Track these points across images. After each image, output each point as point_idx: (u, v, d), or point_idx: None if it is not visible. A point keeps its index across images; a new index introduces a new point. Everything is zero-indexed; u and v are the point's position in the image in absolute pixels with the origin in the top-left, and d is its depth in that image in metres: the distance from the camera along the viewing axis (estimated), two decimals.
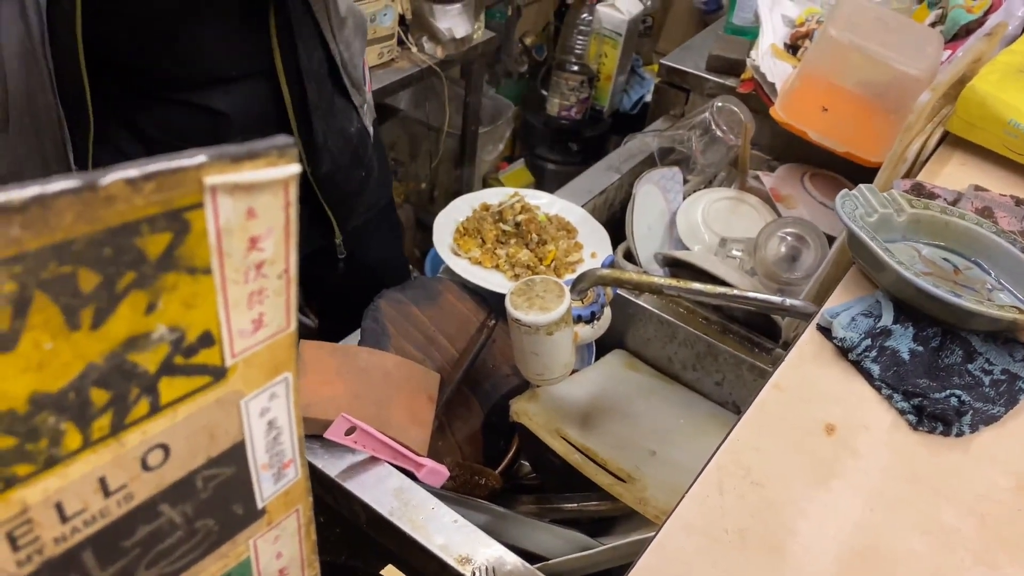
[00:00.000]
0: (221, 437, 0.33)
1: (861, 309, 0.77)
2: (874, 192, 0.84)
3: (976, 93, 1.00)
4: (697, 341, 1.16)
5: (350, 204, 1.26)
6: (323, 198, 1.19)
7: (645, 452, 1.05)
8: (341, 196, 1.22)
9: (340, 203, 1.23)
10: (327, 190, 1.18)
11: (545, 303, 0.88)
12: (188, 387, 0.30)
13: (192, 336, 0.29)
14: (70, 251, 0.24)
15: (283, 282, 0.30)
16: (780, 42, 1.44)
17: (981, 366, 0.73)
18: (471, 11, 1.88)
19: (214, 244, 0.27)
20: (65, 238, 0.23)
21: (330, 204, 1.21)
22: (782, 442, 0.67)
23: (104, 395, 0.27)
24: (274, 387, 0.33)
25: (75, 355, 0.26)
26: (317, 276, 1.34)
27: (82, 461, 0.28)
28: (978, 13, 1.32)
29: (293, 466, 0.37)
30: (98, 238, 0.24)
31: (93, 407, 0.27)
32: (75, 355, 0.26)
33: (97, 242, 0.24)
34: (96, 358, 0.26)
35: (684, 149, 1.41)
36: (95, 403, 0.27)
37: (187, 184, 0.25)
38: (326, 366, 0.95)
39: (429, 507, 0.85)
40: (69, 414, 0.27)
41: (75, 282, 0.24)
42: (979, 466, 0.67)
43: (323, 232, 1.24)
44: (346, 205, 1.24)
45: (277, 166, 0.27)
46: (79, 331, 0.25)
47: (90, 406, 0.27)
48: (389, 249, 1.45)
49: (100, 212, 0.24)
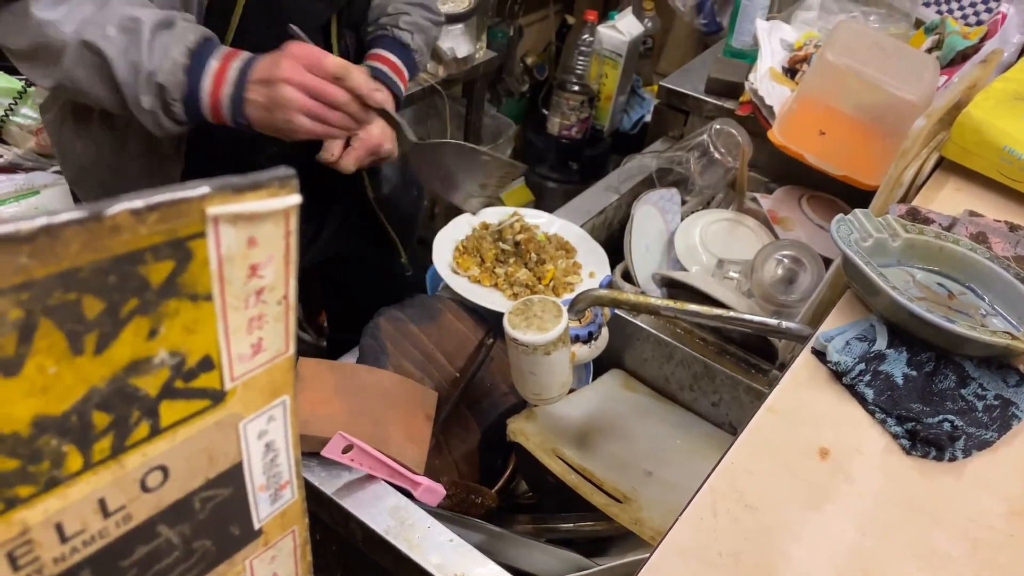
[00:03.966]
0: (219, 459, 0.33)
1: (855, 333, 0.78)
2: (869, 217, 0.85)
3: (971, 119, 1.01)
4: (694, 362, 1.16)
5: (410, 223, 1.33)
6: (386, 220, 1.25)
7: (641, 472, 1.05)
8: (401, 216, 1.29)
9: (401, 223, 1.29)
10: (388, 212, 1.24)
11: (543, 323, 0.89)
12: (188, 410, 0.31)
13: (192, 361, 0.29)
14: (76, 279, 0.24)
15: (282, 308, 0.31)
16: (778, 66, 1.46)
17: (974, 391, 0.74)
18: (473, 31, 1.90)
19: (215, 272, 0.28)
20: (71, 266, 0.24)
21: (392, 225, 1.27)
22: (776, 465, 0.68)
23: (106, 418, 0.28)
24: (272, 410, 0.34)
25: (78, 379, 0.26)
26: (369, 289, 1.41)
27: (83, 483, 0.29)
28: (974, 40, 1.34)
29: (290, 487, 0.37)
30: (103, 266, 0.25)
31: (95, 430, 0.28)
32: (78, 379, 0.26)
33: (102, 270, 0.25)
34: (99, 382, 0.27)
35: (682, 170, 1.42)
36: (97, 426, 0.28)
37: (190, 214, 0.26)
38: (324, 383, 0.96)
39: (425, 526, 0.85)
40: (71, 437, 0.27)
41: (80, 309, 0.25)
42: (972, 491, 0.67)
43: (386, 252, 1.31)
44: (407, 224, 1.31)
45: (278, 196, 0.28)
46: (83, 356, 0.26)
47: (92, 429, 0.28)
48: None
49: (105, 241, 0.24)
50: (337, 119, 0.91)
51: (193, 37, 0.86)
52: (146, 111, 0.87)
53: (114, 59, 0.83)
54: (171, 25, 0.86)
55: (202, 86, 0.87)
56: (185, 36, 0.86)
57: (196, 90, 0.87)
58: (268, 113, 0.89)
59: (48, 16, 0.82)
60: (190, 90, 0.87)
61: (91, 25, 0.83)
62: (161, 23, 0.84)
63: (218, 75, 0.87)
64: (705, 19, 2.36)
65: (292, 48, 0.89)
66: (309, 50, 0.89)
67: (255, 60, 0.89)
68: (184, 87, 0.86)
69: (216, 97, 0.88)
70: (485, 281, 1.18)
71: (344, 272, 1.43)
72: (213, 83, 0.87)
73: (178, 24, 0.86)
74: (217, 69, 0.87)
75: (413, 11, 1.17)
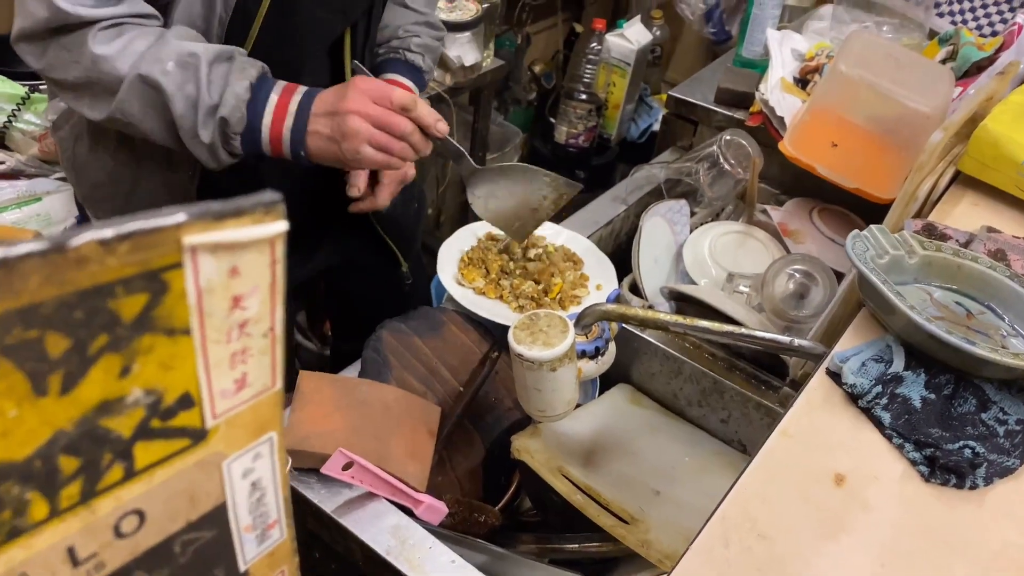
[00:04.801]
0: (201, 500, 0.31)
1: (871, 354, 0.76)
2: (885, 233, 0.83)
3: (989, 133, 0.98)
4: (703, 377, 1.14)
5: (411, 236, 1.35)
6: (385, 233, 1.26)
7: (649, 492, 1.03)
8: (400, 230, 1.30)
9: (401, 236, 1.31)
10: (389, 228, 1.26)
11: (549, 338, 0.86)
12: (166, 450, 0.29)
13: (170, 398, 0.27)
14: (37, 315, 0.22)
15: (268, 340, 0.29)
16: (789, 76, 1.43)
17: (995, 415, 0.71)
18: (481, 39, 1.88)
19: (194, 304, 0.26)
20: (31, 302, 0.22)
21: (392, 238, 1.28)
22: (790, 492, 0.65)
23: (74, 462, 0.26)
24: (258, 447, 0.32)
25: (42, 422, 0.24)
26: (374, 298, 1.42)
27: (49, 531, 0.26)
28: (989, 51, 1.32)
29: (278, 527, 0.35)
30: (68, 301, 0.23)
31: (61, 475, 0.26)
32: (42, 422, 0.24)
33: (67, 305, 0.23)
34: (65, 424, 0.25)
35: (692, 181, 1.40)
36: (64, 471, 0.26)
37: (165, 244, 0.24)
38: (325, 398, 0.94)
39: (427, 546, 0.83)
40: (35, 483, 0.25)
41: (42, 347, 0.23)
42: (995, 521, 0.65)
43: (387, 261, 1.32)
44: (406, 237, 1.32)
45: (263, 223, 0.26)
46: (47, 397, 0.24)
47: (58, 474, 0.26)
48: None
49: (70, 274, 0.22)
50: (399, 149, 0.94)
51: (254, 72, 0.89)
52: (204, 144, 0.88)
53: (172, 93, 0.85)
54: (229, 59, 0.88)
55: (263, 121, 0.90)
56: (246, 71, 0.88)
57: (256, 124, 0.90)
58: (334, 144, 0.91)
59: (104, 51, 0.84)
60: (249, 124, 0.89)
61: (148, 60, 0.84)
62: (218, 56, 0.87)
63: (279, 109, 0.90)
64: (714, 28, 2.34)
65: (358, 82, 0.92)
66: (375, 83, 0.93)
67: (315, 93, 0.92)
68: (244, 121, 0.89)
69: (278, 130, 0.91)
70: (490, 293, 1.16)
71: (348, 280, 1.43)
72: (274, 117, 0.90)
73: (237, 58, 0.89)
74: (277, 103, 0.90)
75: (422, 32, 1.19)
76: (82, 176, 1.08)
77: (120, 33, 0.85)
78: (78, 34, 0.84)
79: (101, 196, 1.08)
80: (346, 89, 0.91)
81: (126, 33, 0.85)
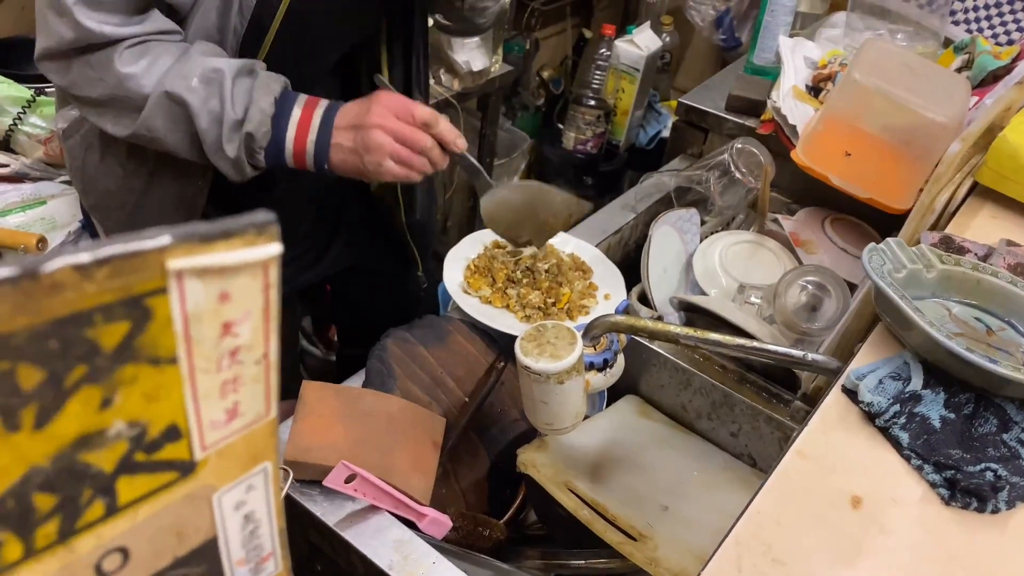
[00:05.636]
0: (191, 535, 0.29)
1: (889, 371, 0.73)
2: (903, 247, 0.80)
3: (1008, 144, 0.96)
4: (713, 389, 1.12)
5: (428, 236, 1.37)
6: (412, 240, 1.29)
7: (657, 507, 1.01)
8: (424, 232, 1.33)
9: (423, 239, 1.33)
10: (415, 234, 1.29)
11: (556, 350, 0.85)
12: (151, 484, 0.27)
13: (155, 431, 0.25)
14: (7, 346, 0.21)
15: (262, 368, 0.27)
16: (802, 84, 1.41)
17: (1017, 436, 0.69)
18: (489, 44, 1.87)
19: (180, 332, 0.24)
20: (1, 332, 0.20)
21: (415, 241, 1.30)
22: (805, 515, 0.63)
23: (50, 500, 0.24)
24: (251, 478, 0.30)
25: (14, 458, 0.22)
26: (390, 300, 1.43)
27: (24, 572, 0.25)
28: (1006, 59, 1.29)
29: (273, 559, 0.33)
30: (41, 330, 0.21)
31: (36, 514, 0.24)
32: (14, 458, 0.22)
33: (40, 335, 0.21)
34: (40, 460, 0.23)
35: (702, 190, 1.38)
36: (39, 509, 0.24)
37: (148, 268, 0.22)
38: (328, 409, 0.92)
39: (430, 561, 0.82)
40: (8, 523, 0.23)
41: (14, 379, 0.21)
42: (1018, 547, 0.62)
43: (401, 265, 1.33)
44: (424, 238, 1.34)
45: (255, 246, 0.24)
46: (19, 432, 0.22)
47: (33, 513, 0.24)
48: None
49: (44, 302, 0.21)
50: (419, 163, 0.95)
51: (278, 87, 0.90)
52: (229, 159, 0.89)
53: (198, 109, 0.86)
54: (252, 73, 0.89)
55: (287, 135, 0.91)
56: (270, 86, 0.89)
57: (280, 138, 0.91)
58: (356, 157, 0.92)
59: (131, 70, 0.85)
60: (274, 138, 0.91)
61: (173, 76, 0.85)
62: (241, 71, 0.87)
63: (302, 123, 0.91)
64: (724, 34, 2.32)
65: (381, 97, 0.93)
66: (398, 99, 0.94)
67: (338, 107, 0.93)
68: (269, 135, 0.90)
69: (301, 144, 0.92)
70: (496, 302, 1.14)
71: (356, 285, 1.43)
72: (297, 131, 0.91)
73: (259, 73, 0.89)
74: (301, 117, 0.91)
75: None
76: (91, 185, 1.07)
77: (146, 52, 0.86)
78: (104, 52, 0.84)
79: (110, 205, 1.07)
80: (369, 103, 0.92)
81: (151, 51, 0.86)
